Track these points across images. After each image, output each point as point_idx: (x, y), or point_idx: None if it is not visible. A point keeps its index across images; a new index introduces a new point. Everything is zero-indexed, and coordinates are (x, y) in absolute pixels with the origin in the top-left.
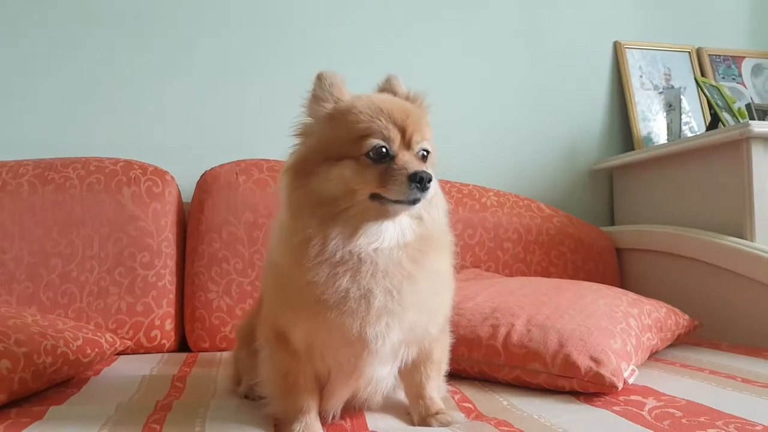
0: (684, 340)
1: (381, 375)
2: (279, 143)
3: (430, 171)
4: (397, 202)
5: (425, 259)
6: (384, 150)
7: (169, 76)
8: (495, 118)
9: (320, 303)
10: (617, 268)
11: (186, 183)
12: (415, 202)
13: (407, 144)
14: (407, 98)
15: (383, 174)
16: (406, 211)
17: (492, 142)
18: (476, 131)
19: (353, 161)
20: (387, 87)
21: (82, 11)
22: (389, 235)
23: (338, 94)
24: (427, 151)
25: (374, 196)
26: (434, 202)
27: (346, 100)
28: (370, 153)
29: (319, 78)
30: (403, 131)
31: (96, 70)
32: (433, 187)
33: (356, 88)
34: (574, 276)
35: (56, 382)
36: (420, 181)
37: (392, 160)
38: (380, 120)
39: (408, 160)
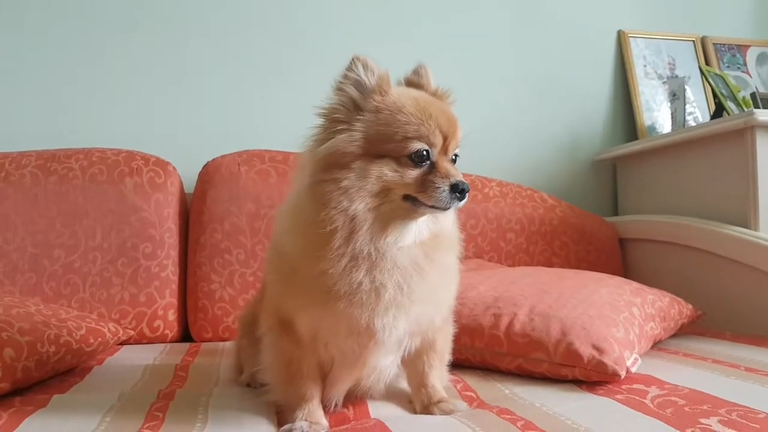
0: (687, 329)
1: (384, 364)
2: (281, 134)
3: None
4: (432, 207)
5: (436, 255)
6: (425, 154)
7: (171, 68)
8: (497, 107)
9: (330, 293)
10: (620, 258)
11: (188, 174)
12: (447, 208)
13: (445, 149)
14: (435, 94)
15: (423, 178)
16: (435, 214)
17: (495, 132)
18: (478, 121)
19: (393, 161)
20: (415, 79)
21: (85, 5)
22: (412, 233)
23: (386, 88)
24: (457, 156)
25: (407, 197)
26: None
27: (394, 95)
28: (414, 156)
29: (356, 62)
30: (445, 138)
31: (98, 62)
32: (467, 197)
33: None
34: (577, 266)
35: (60, 371)
36: (461, 192)
37: (432, 165)
38: (429, 125)
39: (449, 168)
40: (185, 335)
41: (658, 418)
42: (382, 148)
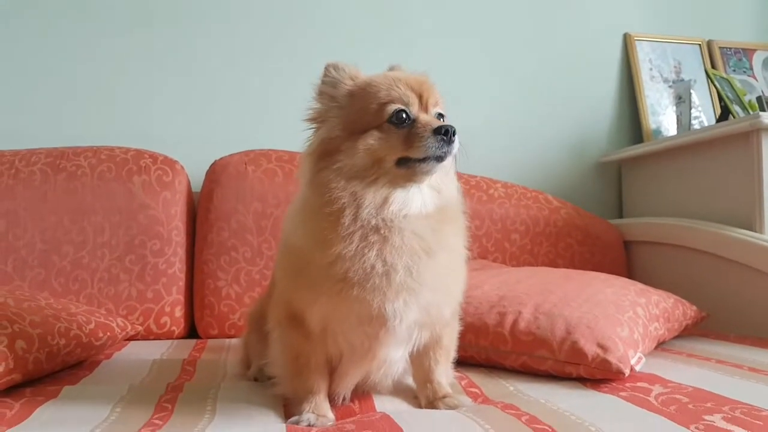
0: (691, 331)
1: (394, 357)
2: (288, 133)
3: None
4: (423, 160)
5: (443, 232)
6: (404, 114)
7: (179, 67)
8: (503, 109)
9: (344, 280)
10: (625, 260)
11: (196, 172)
12: (440, 158)
13: (425, 108)
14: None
15: (407, 136)
16: (433, 171)
17: (500, 133)
18: (484, 123)
19: (376, 130)
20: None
21: (92, 4)
22: (416, 202)
23: (355, 74)
24: (443, 116)
25: (401, 162)
26: (448, 175)
27: (363, 77)
28: (392, 118)
29: (329, 67)
30: (420, 96)
31: (107, 61)
32: (458, 142)
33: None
34: (582, 268)
35: (69, 364)
36: (445, 134)
37: (413, 122)
38: (398, 87)
39: (429, 119)
40: (192, 332)
41: (662, 414)
42: (363, 123)
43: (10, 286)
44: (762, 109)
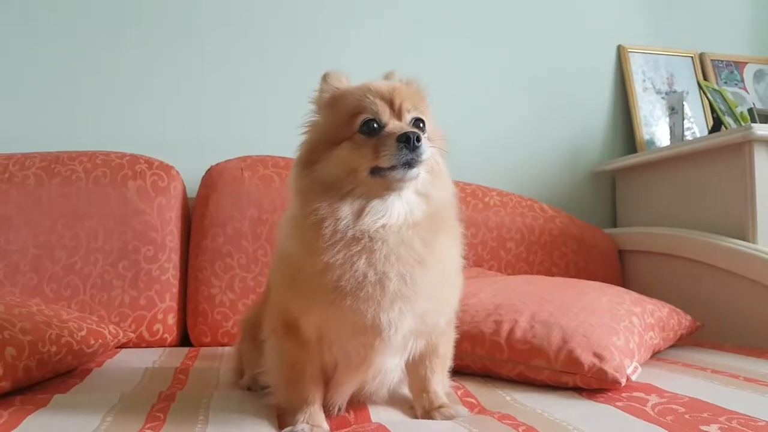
0: (686, 341)
1: (389, 366)
2: (285, 140)
3: (421, 133)
4: (392, 168)
5: (436, 242)
6: (374, 124)
7: (176, 72)
8: (499, 119)
9: (337, 290)
10: (619, 270)
11: (191, 178)
12: (408, 165)
13: (398, 115)
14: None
15: (376, 145)
16: (407, 179)
17: (495, 143)
18: (480, 132)
19: (349, 141)
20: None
21: (88, 7)
22: (396, 211)
23: (337, 84)
24: (422, 121)
25: (374, 172)
26: (439, 179)
27: (343, 87)
28: (363, 128)
29: (326, 77)
30: (391, 103)
31: (102, 65)
32: (425, 147)
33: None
34: (576, 276)
35: (60, 372)
36: (407, 141)
37: (383, 130)
38: (368, 97)
39: (397, 127)
40: (184, 339)
41: (659, 425)
42: (338, 134)
43: (1, 292)
44: (754, 121)
